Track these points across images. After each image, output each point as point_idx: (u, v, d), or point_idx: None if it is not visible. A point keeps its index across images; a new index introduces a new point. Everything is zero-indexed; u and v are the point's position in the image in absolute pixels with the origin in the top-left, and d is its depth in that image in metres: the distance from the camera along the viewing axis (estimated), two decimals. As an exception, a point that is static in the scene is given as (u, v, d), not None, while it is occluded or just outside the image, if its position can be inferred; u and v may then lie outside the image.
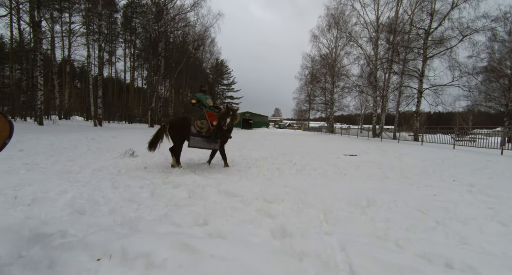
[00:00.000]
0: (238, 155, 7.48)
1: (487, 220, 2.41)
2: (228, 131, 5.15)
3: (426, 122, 40.12)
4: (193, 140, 4.96)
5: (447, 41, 18.17)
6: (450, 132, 15.06)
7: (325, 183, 4.08)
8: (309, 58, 36.20)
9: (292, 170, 5.32)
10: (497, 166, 6.76)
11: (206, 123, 5.18)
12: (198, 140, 4.97)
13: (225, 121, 4.85)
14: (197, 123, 5.06)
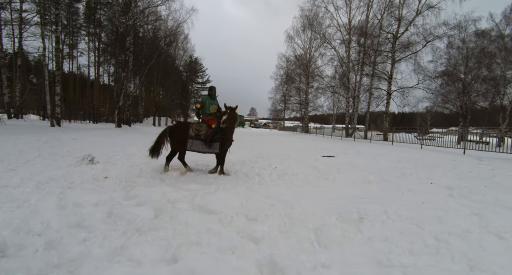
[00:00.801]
0: (214, 159, 6.98)
1: (482, 233, 2.28)
2: (226, 134, 4.87)
3: (392, 122, 42.74)
4: (191, 143, 4.80)
5: (413, 45, 19.29)
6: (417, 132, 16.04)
7: (309, 190, 3.80)
8: (284, 58, 36.49)
9: (273, 175, 4.99)
10: (463, 166, 7.08)
11: (205, 126, 4.96)
12: (196, 143, 4.80)
13: (222, 119, 4.67)
14: (195, 126, 4.93)
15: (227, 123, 4.68)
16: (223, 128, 4.75)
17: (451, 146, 12.55)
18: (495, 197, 3.72)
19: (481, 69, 23.59)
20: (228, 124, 4.69)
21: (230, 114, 4.75)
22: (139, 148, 8.26)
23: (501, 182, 4.94)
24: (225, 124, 4.65)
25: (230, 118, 4.71)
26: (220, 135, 4.85)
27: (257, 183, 4.33)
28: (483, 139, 19.88)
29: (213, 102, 5.23)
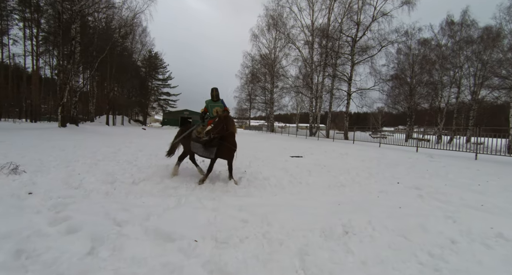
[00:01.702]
0: (175, 162, 6.27)
1: (469, 242, 2.17)
2: (224, 140, 4.38)
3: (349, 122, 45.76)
4: (193, 145, 4.64)
5: (369, 49, 20.61)
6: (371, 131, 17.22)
7: (285, 199, 3.45)
8: (250, 57, 36.24)
9: (243, 181, 4.55)
10: (419, 163, 7.54)
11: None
12: (196, 146, 4.56)
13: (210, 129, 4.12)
14: (197, 129, 4.76)
15: (213, 133, 4.08)
16: (223, 135, 4.26)
17: (404, 144, 13.59)
18: (459, 196, 3.82)
19: (423, 74, 26.36)
20: (215, 134, 4.10)
21: (217, 123, 4.17)
22: (84, 151, 7.09)
23: (456, 179, 5.24)
24: (211, 134, 4.07)
25: (216, 127, 4.10)
26: (218, 141, 4.38)
27: (226, 192, 3.85)
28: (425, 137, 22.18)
29: (215, 104, 4.82)
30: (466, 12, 23.75)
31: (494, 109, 26.83)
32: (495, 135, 9.49)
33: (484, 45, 22.76)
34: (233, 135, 4.45)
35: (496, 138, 9.50)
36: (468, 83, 25.76)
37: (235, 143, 4.49)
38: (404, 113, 30.07)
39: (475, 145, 9.05)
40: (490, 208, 3.26)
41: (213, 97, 4.85)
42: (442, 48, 26.19)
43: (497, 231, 2.36)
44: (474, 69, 24.47)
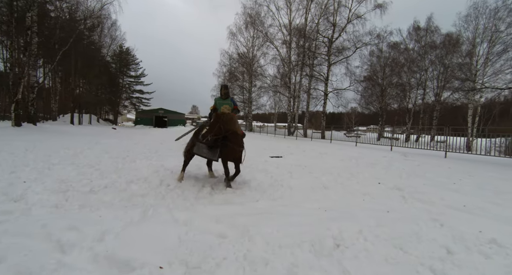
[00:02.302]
0: (145, 165, 5.70)
1: (467, 252, 2.01)
2: (228, 140, 3.97)
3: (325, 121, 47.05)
4: (197, 146, 4.30)
5: (345, 51, 21.15)
6: (346, 130, 17.69)
7: (268, 207, 3.14)
8: (227, 55, 35.53)
9: (221, 185, 4.18)
10: (395, 162, 7.67)
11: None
12: (200, 146, 4.22)
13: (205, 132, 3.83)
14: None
15: (210, 135, 3.69)
16: (225, 135, 3.89)
17: (376, 143, 14.03)
18: (439, 196, 3.80)
19: (393, 76, 27.74)
20: (212, 136, 3.72)
21: (212, 123, 3.78)
22: (38, 154, 6.22)
23: (433, 178, 5.32)
24: (208, 137, 3.70)
25: (211, 129, 3.71)
26: (221, 141, 3.98)
27: (202, 198, 3.45)
28: (394, 135, 23.36)
29: (224, 102, 4.48)
30: (431, 19, 25.36)
31: (454, 109, 28.98)
32: (455, 134, 10.05)
33: (446, 50, 24.45)
34: (237, 135, 3.99)
35: (456, 136, 10.07)
36: (432, 85, 27.51)
37: (239, 143, 4.04)
38: (376, 113, 31.51)
39: (445, 143, 9.51)
40: (471, 208, 3.23)
41: (222, 95, 4.59)
42: (410, 52, 27.73)
43: (489, 236, 2.27)
44: (437, 72, 26.20)
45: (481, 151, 9.37)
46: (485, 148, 9.50)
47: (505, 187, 4.53)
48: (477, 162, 8.14)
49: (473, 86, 20.57)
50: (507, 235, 2.35)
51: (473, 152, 10.18)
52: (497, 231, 2.47)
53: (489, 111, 24.95)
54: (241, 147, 4.11)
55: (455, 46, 24.01)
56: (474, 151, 10.51)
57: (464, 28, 22.21)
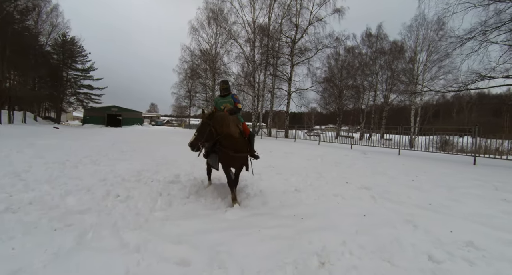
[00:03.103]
0: (90, 171, 4.83)
1: (451, 259, 1.92)
2: (221, 144, 3.31)
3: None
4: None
5: (307, 52, 21.80)
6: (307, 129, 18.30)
7: (237, 216, 2.77)
8: (189, 51, 33.91)
9: (183, 193, 3.67)
10: (357, 161, 7.97)
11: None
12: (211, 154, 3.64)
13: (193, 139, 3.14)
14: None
15: (200, 142, 3.07)
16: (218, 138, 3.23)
17: (334, 141, 14.68)
18: (405, 195, 3.88)
19: (349, 78, 29.67)
20: (203, 142, 3.11)
21: (200, 127, 3.11)
22: None
23: (394, 176, 5.53)
24: (199, 145, 3.09)
25: (201, 134, 3.06)
26: (218, 146, 3.34)
27: (159, 211, 2.92)
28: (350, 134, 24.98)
29: (224, 101, 3.89)
30: (381, 27, 27.66)
31: (400, 110, 32.17)
32: (401, 132, 10.97)
33: (393, 56, 26.95)
34: (231, 138, 3.23)
35: (400, 134, 11.00)
36: (382, 88, 30.09)
37: (236, 147, 3.28)
38: (333, 113, 33.41)
39: (398, 141, 10.27)
40: (436, 207, 3.31)
41: (221, 91, 3.93)
42: (363, 56, 29.92)
43: (463, 238, 2.25)
44: (386, 76, 28.75)
45: (421, 147, 10.35)
46: (424, 145, 10.53)
47: (454, 183, 4.88)
48: (423, 158, 8.93)
49: (415, 89, 22.98)
50: (476, 234, 2.38)
51: (415, 148, 11.18)
52: (466, 230, 2.50)
53: (425, 113, 28.34)
54: (240, 152, 3.33)
55: (400, 52, 26.61)
56: (415, 147, 11.52)
57: (408, 37, 24.74)
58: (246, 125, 3.79)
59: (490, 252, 1.99)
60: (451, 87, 12.49)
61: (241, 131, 3.46)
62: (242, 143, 3.36)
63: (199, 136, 3.04)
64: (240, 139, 3.33)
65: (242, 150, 3.35)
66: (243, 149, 3.37)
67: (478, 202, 3.61)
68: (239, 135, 3.30)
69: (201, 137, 3.04)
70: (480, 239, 2.21)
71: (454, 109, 39.16)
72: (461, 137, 11.18)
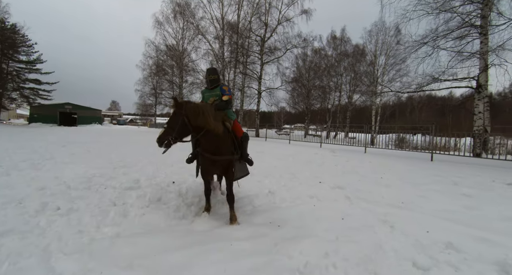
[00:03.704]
0: (27, 179, 4.03)
1: (437, 266, 1.82)
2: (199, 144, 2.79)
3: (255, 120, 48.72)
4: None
5: (277, 51, 21.91)
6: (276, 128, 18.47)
7: (204, 227, 2.42)
8: (154, 46, 31.97)
9: (141, 201, 3.18)
10: (327, 159, 8.06)
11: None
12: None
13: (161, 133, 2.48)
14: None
15: (170, 137, 2.37)
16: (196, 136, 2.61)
17: (303, 140, 14.94)
18: (378, 193, 3.88)
19: (316, 79, 30.69)
20: (174, 139, 2.39)
21: (170, 118, 2.47)
22: None
23: (364, 174, 5.62)
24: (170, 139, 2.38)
25: (171, 126, 2.39)
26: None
27: (109, 226, 2.42)
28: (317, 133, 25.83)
29: (211, 94, 3.19)
30: (344, 30, 29.03)
31: (362, 110, 34.21)
32: (361, 131, 11.55)
33: (355, 59, 28.50)
34: (211, 136, 2.54)
35: (366, 133, 11.58)
36: (346, 88, 31.66)
37: (212, 148, 2.63)
38: (302, 112, 34.32)
39: (365, 139, 10.71)
40: (408, 204, 3.33)
41: (208, 84, 3.19)
42: (329, 58, 31.15)
43: (441, 238, 2.21)
44: (350, 77, 30.32)
45: (382, 145, 10.96)
46: (384, 142, 11.19)
47: (419, 179, 5.10)
48: (385, 155, 9.42)
49: (375, 90, 24.55)
50: (450, 233, 2.36)
51: (376, 146, 11.80)
52: (440, 229, 2.48)
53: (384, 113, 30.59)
54: (220, 154, 2.65)
55: (362, 56, 28.23)
56: (376, 145, 12.18)
57: (368, 41, 26.32)
58: (239, 125, 3.18)
59: (470, 254, 1.95)
60: (408, 89, 13.47)
61: (228, 129, 2.86)
62: (224, 144, 2.70)
63: (169, 129, 2.38)
64: (224, 138, 2.69)
65: (222, 152, 2.68)
66: (224, 151, 2.70)
67: (443, 198, 3.74)
68: (222, 133, 2.62)
69: (171, 130, 2.37)
70: (456, 239, 2.18)
71: (407, 110, 42.81)
72: (414, 135, 12.07)
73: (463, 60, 10.86)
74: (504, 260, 1.83)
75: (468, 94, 12.54)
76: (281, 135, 23.65)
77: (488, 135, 9.25)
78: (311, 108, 32.90)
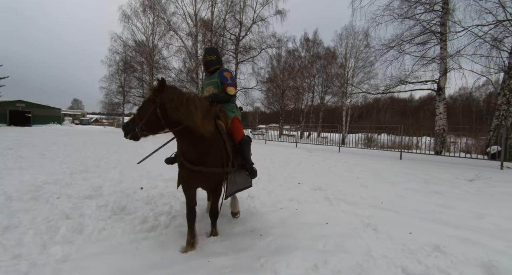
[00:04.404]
0: None
1: (426, 272, 1.72)
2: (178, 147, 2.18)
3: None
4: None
5: (252, 50, 21.75)
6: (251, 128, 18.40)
7: (173, 240, 2.10)
8: (121, 41, 29.94)
9: (100, 215, 2.76)
10: (303, 159, 8.06)
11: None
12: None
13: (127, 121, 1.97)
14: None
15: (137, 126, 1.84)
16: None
17: (280, 140, 15.00)
18: (358, 194, 3.84)
19: (290, 79, 31.19)
20: (143, 132, 1.86)
21: (142, 105, 1.93)
22: None
23: (340, 173, 5.65)
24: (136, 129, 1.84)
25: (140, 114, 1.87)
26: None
27: (58, 244, 2.01)
28: (291, 133, 26.25)
29: (209, 81, 2.54)
30: (316, 33, 29.87)
31: (333, 110, 35.53)
32: (332, 131, 11.89)
33: (327, 61, 29.49)
34: (192, 134, 1.90)
35: (339, 133, 11.93)
36: (319, 90, 32.62)
37: (192, 154, 2.02)
38: (276, 113, 34.68)
39: (339, 139, 10.97)
40: (388, 205, 3.32)
41: (204, 67, 2.57)
42: (302, 59, 31.84)
43: (425, 241, 2.16)
44: (322, 79, 31.29)
45: (352, 144, 11.35)
46: (354, 141, 11.61)
47: (392, 178, 5.23)
48: (358, 154, 9.73)
49: (345, 92, 25.58)
50: (432, 234, 2.35)
51: (347, 145, 12.12)
52: (422, 230, 2.46)
53: (353, 113, 32.11)
54: (202, 164, 2.00)
55: (333, 58, 29.27)
56: (347, 144, 12.51)
57: (339, 45, 27.37)
58: (240, 124, 2.50)
59: (455, 256, 1.91)
60: (377, 90, 14.15)
61: (221, 128, 2.20)
62: (211, 150, 2.04)
63: (137, 117, 1.85)
64: (212, 142, 2.03)
65: (206, 162, 2.01)
66: (209, 160, 2.02)
67: (418, 196, 3.82)
68: (210, 135, 1.96)
69: (139, 119, 1.84)
70: (440, 240, 2.15)
71: (374, 111, 45.44)
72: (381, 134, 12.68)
73: (426, 64, 11.67)
74: (489, 262, 1.81)
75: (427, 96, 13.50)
76: (256, 135, 23.59)
77: (446, 134, 10.01)
78: (285, 108, 33.33)
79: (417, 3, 11.16)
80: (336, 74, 29.30)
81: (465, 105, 38.52)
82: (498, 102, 9.59)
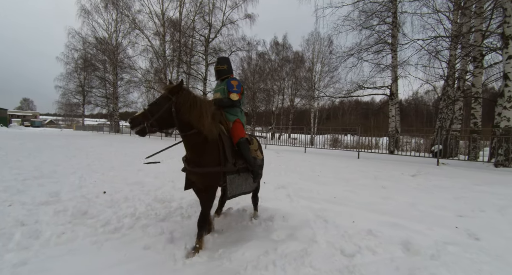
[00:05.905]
0: None
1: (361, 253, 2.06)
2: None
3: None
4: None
5: (221, 52, 21.77)
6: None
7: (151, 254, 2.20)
8: (80, 37, 27.92)
9: (58, 220, 2.71)
10: (271, 160, 8.36)
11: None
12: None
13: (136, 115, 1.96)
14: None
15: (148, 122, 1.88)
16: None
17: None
18: (315, 191, 4.21)
19: (261, 82, 31.82)
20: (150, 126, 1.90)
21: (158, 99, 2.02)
22: None
23: (304, 172, 6.06)
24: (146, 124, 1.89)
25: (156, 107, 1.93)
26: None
27: (12, 252, 1.98)
28: (262, 134, 26.78)
29: (217, 88, 2.70)
30: (286, 37, 30.94)
31: (303, 113, 36.97)
32: (302, 132, 12.57)
33: (296, 65, 30.68)
34: (197, 137, 2.03)
35: (305, 134, 12.62)
36: (289, 92, 33.72)
37: (193, 156, 2.12)
38: (247, 114, 35.09)
39: (305, 140, 11.56)
40: (340, 199, 3.72)
41: (216, 75, 2.68)
42: (272, 62, 32.68)
43: (364, 227, 2.53)
44: (291, 82, 32.44)
45: (319, 145, 12.10)
46: (321, 142, 12.36)
47: (348, 175, 5.77)
48: (322, 154, 10.38)
49: (313, 95, 26.86)
50: (370, 221, 2.75)
51: (315, 146, 12.90)
52: (363, 219, 2.85)
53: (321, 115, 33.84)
54: (199, 165, 2.09)
55: (301, 62, 30.53)
56: (315, 145, 13.30)
57: (306, 49, 28.68)
58: (240, 127, 2.52)
59: (383, 238, 2.29)
60: (340, 94, 15.19)
61: (220, 131, 2.29)
62: (206, 151, 2.11)
63: (148, 113, 1.89)
64: (209, 144, 2.12)
65: (200, 163, 2.09)
66: (203, 161, 2.10)
67: (367, 191, 4.31)
68: (214, 137, 2.10)
69: (150, 114, 1.89)
70: (374, 226, 2.54)
71: (340, 113, 48.16)
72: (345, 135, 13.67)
73: (380, 71, 12.87)
74: (406, 239, 2.22)
75: (384, 100, 14.87)
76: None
77: (398, 135, 11.18)
78: (256, 110, 33.84)
79: (373, 15, 12.28)
80: (305, 77, 30.54)
81: (418, 108, 42.70)
82: (440, 106, 10.99)
